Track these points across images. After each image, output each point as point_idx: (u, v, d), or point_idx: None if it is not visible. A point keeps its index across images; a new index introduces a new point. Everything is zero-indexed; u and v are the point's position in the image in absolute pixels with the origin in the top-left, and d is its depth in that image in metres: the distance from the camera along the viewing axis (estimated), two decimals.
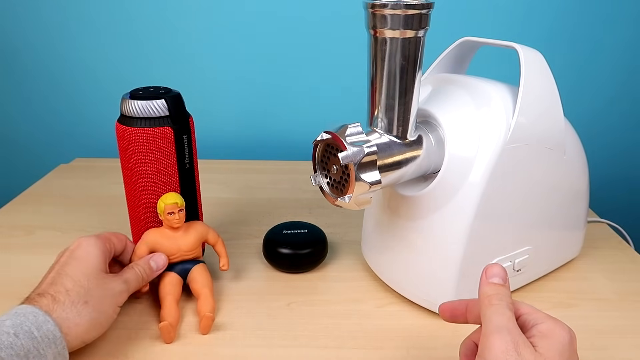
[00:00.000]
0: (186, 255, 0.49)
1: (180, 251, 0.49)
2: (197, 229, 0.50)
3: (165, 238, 0.49)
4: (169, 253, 0.48)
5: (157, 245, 0.48)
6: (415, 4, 0.37)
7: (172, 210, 0.47)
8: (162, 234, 0.49)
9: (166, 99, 0.47)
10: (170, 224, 0.48)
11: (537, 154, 0.46)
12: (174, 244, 0.49)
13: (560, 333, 0.30)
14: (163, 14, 0.83)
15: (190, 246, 0.49)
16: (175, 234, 0.49)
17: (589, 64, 0.86)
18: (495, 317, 0.30)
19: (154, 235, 0.49)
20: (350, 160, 0.39)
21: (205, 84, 0.88)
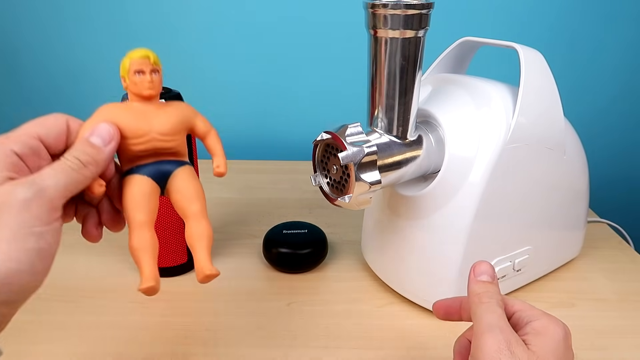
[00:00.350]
0: (163, 142, 0.31)
1: (152, 132, 0.31)
2: (179, 108, 0.33)
3: (130, 111, 0.31)
4: (135, 134, 0.30)
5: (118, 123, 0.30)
6: (415, 4, 0.37)
7: (141, 69, 0.31)
8: (125, 107, 0.31)
9: (166, 99, 0.47)
10: (138, 90, 0.31)
11: (537, 154, 0.46)
12: (144, 121, 0.31)
13: (554, 330, 0.30)
14: (163, 14, 0.83)
15: (168, 127, 0.31)
16: (146, 107, 0.31)
17: (589, 63, 0.86)
18: (486, 315, 0.30)
19: (113, 109, 0.31)
20: (350, 160, 0.39)
21: (205, 84, 0.88)
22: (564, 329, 0.30)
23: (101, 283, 0.53)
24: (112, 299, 0.50)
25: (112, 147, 0.30)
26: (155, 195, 0.32)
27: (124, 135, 0.30)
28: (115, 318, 0.47)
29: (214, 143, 0.34)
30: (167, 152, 0.32)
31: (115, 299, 0.50)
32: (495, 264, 0.47)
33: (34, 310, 0.48)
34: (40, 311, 0.48)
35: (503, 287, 0.50)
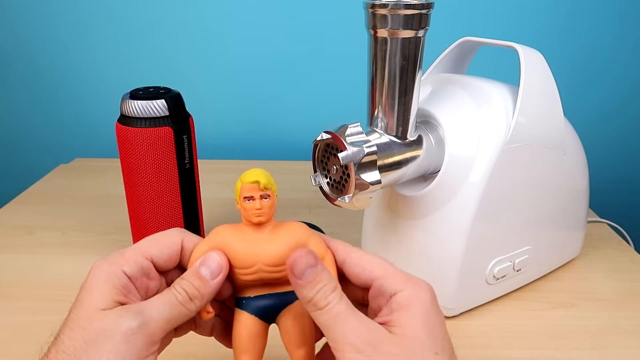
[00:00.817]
0: (270, 273, 0.29)
1: (259, 263, 0.29)
2: (291, 234, 0.30)
3: (240, 238, 0.29)
4: (243, 264, 0.29)
5: (228, 250, 0.29)
6: (415, 4, 0.37)
7: (251, 195, 0.29)
8: (237, 232, 0.30)
9: (166, 99, 0.47)
10: (247, 216, 0.29)
11: (537, 154, 0.46)
12: (252, 250, 0.29)
13: (421, 298, 0.27)
14: (163, 14, 0.83)
15: (276, 259, 0.29)
16: (256, 235, 0.29)
17: (589, 64, 0.86)
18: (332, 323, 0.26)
19: (226, 234, 0.30)
20: (350, 160, 0.39)
21: (205, 84, 0.88)
22: (429, 291, 0.27)
23: None
24: None
25: (220, 280, 0.29)
26: (262, 336, 0.31)
27: (233, 264, 0.29)
28: None
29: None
30: (277, 282, 0.29)
31: None
32: (495, 264, 0.47)
33: (34, 310, 0.49)
34: (41, 311, 0.48)
35: (503, 287, 0.50)
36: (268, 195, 0.29)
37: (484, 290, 0.48)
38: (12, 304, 0.49)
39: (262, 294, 0.30)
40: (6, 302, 0.50)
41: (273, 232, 0.29)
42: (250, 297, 0.30)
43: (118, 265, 0.27)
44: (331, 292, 0.26)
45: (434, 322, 0.26)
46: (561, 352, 0.44)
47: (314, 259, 0.27)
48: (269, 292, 0.30)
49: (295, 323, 0.30)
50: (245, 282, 0.29)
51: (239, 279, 0.29)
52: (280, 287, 0.30)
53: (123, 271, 0.27)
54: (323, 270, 0.27)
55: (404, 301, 0.27)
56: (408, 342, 0.25)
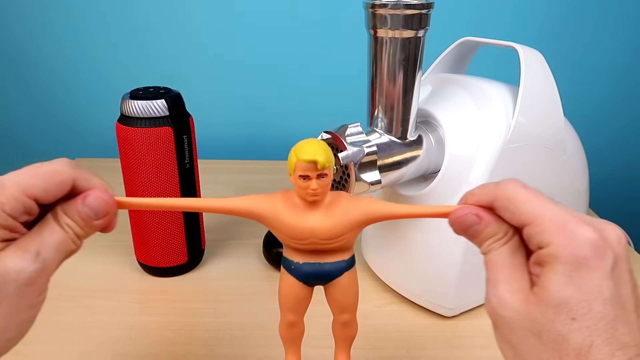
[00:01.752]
0: (325, 245, 0.28)
1: (313, 237, 0.28)
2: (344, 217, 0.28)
3: (293, 211, 0.28)
4: (296, 237, 0.28)
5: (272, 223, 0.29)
6: (415, 4, 0.37)
7: (307, 174, 0.27)
8: (291, 204, 0.28)
9: (166, 99, 0.47)
10: (302, 195, 0.28)
11: (537, 154, 0.46)
12: (305, 225, 0.28)
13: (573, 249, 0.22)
14: (163, 14, 0.83)
15: (332, 234, 0.28)
16: (311, 211, 0.28)
17: (589, 63, 0.86)
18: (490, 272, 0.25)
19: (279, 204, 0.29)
20: (350, 160, 0.39)
21: (205, 84, 0.88)
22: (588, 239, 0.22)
23: (101, 283, 0.53)
24: (112, 299, 0.50)
25: (103, 222, 0.27)
26: (307, 298, 0.32)
27: (286, 233, 0.29)
28: (115, 318, 0.47)
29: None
30: (330, 250, 0.29)
31: (115, 299, 0.50)
32: None
33: None
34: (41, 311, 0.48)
35: None
36: (325, 174, 0.27)
37: (484, 291, 0.48)
38: None
39: (310, 262, 0.29)
40: None
41: (329, 207, 0.28)
42: (299, 264, 0.29)
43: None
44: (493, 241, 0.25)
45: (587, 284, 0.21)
46: None
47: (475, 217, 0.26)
48: (318, 260, 0.29)
49: (343, 293, 0.31)
50: (298, 248, 0.29)
51: (290, 245, 0.29)
52: (329, 256, 0.29)
53: (3, 210, 0.25)
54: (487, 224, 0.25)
55: (547, 257, 0.22)
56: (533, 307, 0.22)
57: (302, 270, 0.30)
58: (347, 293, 0.31)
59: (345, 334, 0.33)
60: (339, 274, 0.30)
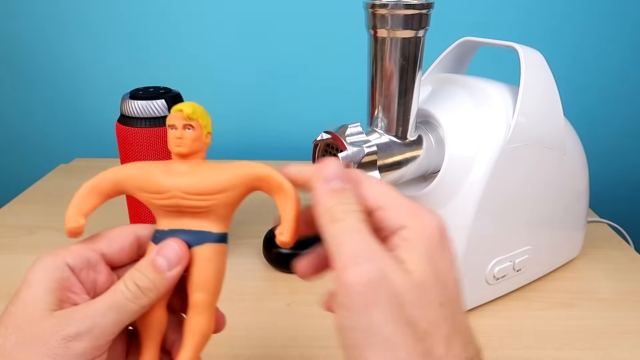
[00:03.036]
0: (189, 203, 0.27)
1: (174, 189, 0.27)
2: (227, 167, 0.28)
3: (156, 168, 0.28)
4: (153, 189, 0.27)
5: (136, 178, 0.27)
6: (415, 4, 0.37)
7: (173, 123, 0.27)
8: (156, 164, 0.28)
9: (166, 99, 0.47)
10: (170, 147, 0.27)
11: (537, 154, 0.46)
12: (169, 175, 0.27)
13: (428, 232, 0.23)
14: (163, 14, 0.83)
15: (197, 185, 0.27)
16: (177, 166, 0.27)
17: (589, 63, 0.86)
18: (346, 238, 0.22)
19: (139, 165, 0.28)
20: (350, 160, 0.39)
21: (205, 84, 0.88)
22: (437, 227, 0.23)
23: None
24: None
25: (178, 272, 0.26)
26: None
27: (145, 189, 0.27)
28: None
29: (285, 206, 0.28)
30: (197, 211, 0.27)
31: None
32: (495, 264, 0.47)
33: None
34: None
35: (503, 287, 0.50)
36: (191, 125, 0.27)
37: (484, 290, 0.48)
38: None
39: (175, 229, 0.27)
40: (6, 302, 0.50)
41: (201, 164, 0.27)
42: (164, 230, 0.27)
43: (60, 257, 0.25)
44: (355, 210, 0.23)
45: (442, 267, 0.23)
46: (561, 352, 0.44)
47: (346, 175, 0.24)
48: (183, 227, 0.27)
49: (201, 266, 0.27)
50: (160, 207, 0.27)
51: (152, 203, 0.27)
52: (198, 220, 0.27)
53: (66, 263, 0.25)
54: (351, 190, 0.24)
55: (411, 236, 0.23)
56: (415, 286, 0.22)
57: (165, 237, 0.27)
58: (205, 267, 0.27)
59: (197, 324, 0.28)
60: (199, 242, 0.27)
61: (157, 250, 0.26)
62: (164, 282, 0.25)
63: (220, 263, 0.28)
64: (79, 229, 0.26)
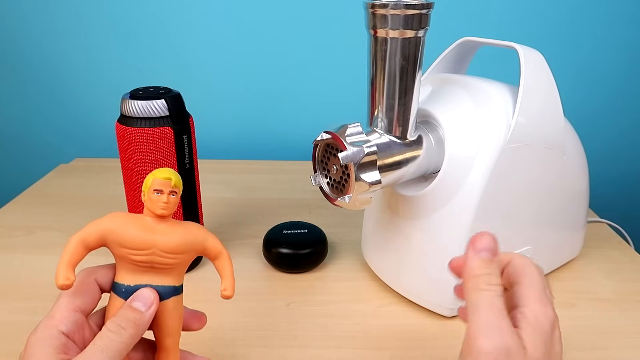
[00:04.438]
0: (163, 258, 0.31)
1: (155, 247, 0.30)
2: (189, 230, 0.32)
3: (139, 224, 0.31)
4: (138, 246, 0.30)
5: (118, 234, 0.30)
6: (415, 4, 0.37)
7: (161, 189, 0.31)
8: (135, 219, 0.31)
9: (166, 99, 0.47)
10: (153, 207, 0.31)
11: (537, 154, 0.45)
12: (150, 235, 0.30)
13: (544, 321, 0.28)
14: (163, 14, 0.83)
15: (172, 246, 0.31)
16: (156, 224, 0.31)
17: (589, 63, 0.86)
18: (483, 310, 0.27)
19: (123, 218, 0.31)
20: (350, 160, 0.39)
21: (205, 84, 0.88)
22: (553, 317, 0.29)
23: None
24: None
25: (153, 310, 0.30)
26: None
27: (127, 245, 0.30)
28: None
29: (224, 266, 0.33)
30: (165, 268, 0.31)
31: None
32: None
33: (33, 310, 0.49)
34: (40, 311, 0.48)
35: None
36: (175, 192, 0.31)
37: None
38: (11, 304, 0.49)
39: (141, 284, 0.31)
40: (6, 302, 0.50)
41: (172, 226, 0.31)
42: (130, 286, 0.31)
43: (53, 327, 0.28)
44: (496, 284, 0.28)
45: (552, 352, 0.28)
46: None
47: (496, 248, 0.29)
48: (148, 282, 0.31)
49: (169, 316, 0.32)
50: (134, 263, 0.30)
51: (129, 258, 0.30)
52: (159, 277, 0.31)
53: (60, 331, 0.28)
54: (497, 266, 0.29)
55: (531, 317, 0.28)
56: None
57: (133, 292, 0.31)
58: (171, 316, 0.32)
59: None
60: (167, 296, 0.31)
61: (131, 298, 0.30)
62: (143, 320, 0.29)
63: (181, 310, 0.33)
64: (69, 285, 0.29)
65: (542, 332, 0.27)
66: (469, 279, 0.28)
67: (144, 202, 0.31)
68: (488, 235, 0.29)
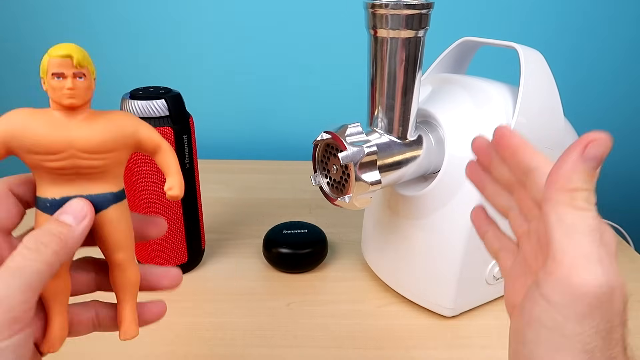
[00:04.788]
0: (87, 160, 0.25)
1: (72, 148, 0.24)
2: (114, 120, 0.26)
3: (46, 121, 0.25)
4: (50, 149, 0.24)
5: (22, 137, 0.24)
6: (415, 4, 0.37)
7: (61, 71, 0.25)
8: (42, 115, 0.25)
9: (166, 99, 0.47)
10: (57, 97, 0.25)
11: None
12: (63, 134, 0.24)
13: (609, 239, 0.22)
14: (163, 14, 0.83)
15: (94, 144, 0.25)
16: (69, 118, 0.25)
17: (589, 63, 0.86)
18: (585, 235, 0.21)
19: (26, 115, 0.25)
20: (350, 160, 0.39)
21: (205, 84, 0.88)
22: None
23: None
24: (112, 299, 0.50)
25: (86, 225, 0.24)
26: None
27: (36, 149, 0.24)
28: None
29: (166, 159, 0.27)
30: (93, 172, 0.25)
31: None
32: (495, 264, 0.47)
33: None
34: None
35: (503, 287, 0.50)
36: (83, 74, 0.25)
37: (484, 290, 0.48)
38: None
39: (69, 195, 0.25)
40: None
41: (91, 117, 0.25)
42: (56, 199, 0.25)
43: None
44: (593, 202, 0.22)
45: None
46: None
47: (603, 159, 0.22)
48: (78, 193, 0.25)
49: (112, 228, 0.26)
50: (54, 170, 0.24)
51: (45, 166, 0.24)
52: (90, 184, 0.25)
53: None
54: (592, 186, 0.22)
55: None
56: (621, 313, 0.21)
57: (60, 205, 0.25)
58: (116, 228, 0.26)
59: (125, 279, 0.28)
60: (105, 205, 0.25)
61: (59, 210, 0.24)
62: (72, 235, 0.24)
63: (127, 219, 0.27)
64: None
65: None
66: (562, 192, 0.22)
67: (46, 91, 0.25)
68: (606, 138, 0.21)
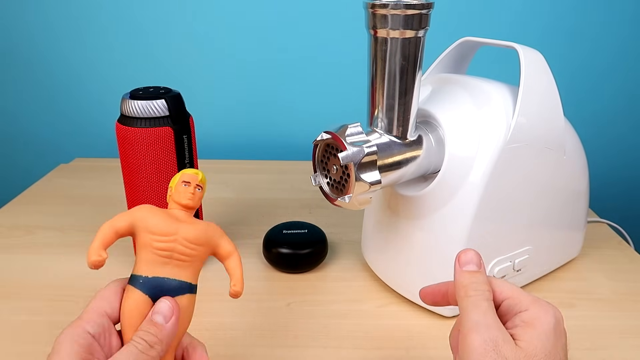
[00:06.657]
0: (184, 247, 0.31)
1: (178, 235, 0.31)
2: (210, 225, 0.33)
3: (163, 213, 0.32)
4: (162, 232, 0.31)
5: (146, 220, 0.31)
6: (415, 4, 0.37)
7: (189, 180, 0.33)
8: (161, 210, 0.32)
9: (166, 99, 0.47)
10: (179, 198, 0.32)
11: (537, 154, 0.46)
12: (175, 224, 0.31)
13: (544, 320, 0.29)
14: (163, 14, 0.83)
15: (193, 235, 0.31)
16: (181, 215, 0.32)
17: (589, 64, 0.86)
18: (472, 311, 0.29)
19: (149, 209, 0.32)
20: (350, 160, 0.39)
21: (205, 84, 0.88)
22: (554, 315, 0.29)
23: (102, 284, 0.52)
24: None
25: (174, 322, 0.30)
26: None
27: (151, 230, 0.31)
28: None
29: (235, 266, 0.34)
30: (183, 259, 0.31)
31: None
32: (495, 264, 0.47)
33: (34, 310, 0.49)
34: (41, 311, 0.48)
35: None
36: (201, 187, 0.33)
37: None
38: (12, 304, 0.49)
39: (159, 276, 0.31)
40: (6, 302, 0.50)
41: (194, 219, 0.33)
42: (148, 277, 0.30)
43: (81, 327, 0.29)
44: (482, 289, 0.30)
45: (553, 346, 0.28)
46: None
47: (479, 261, 0.31)
48: (167, 276, 0.31)
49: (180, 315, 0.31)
50: (155, 250, 0.30)
51: (151, 245, 0.30)
52: (179, 270, 0.31)
53: (87, 331, 0.29)
54: (483, 275, 0.31)
55: (529, 319, 0.29)
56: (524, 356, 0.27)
57: (150, 284, 0.30)
58: (181, 316, 0.31)
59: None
60: (182, 292, 0.31)
61: (152, 311, 0.30)
62: (164, 333, 0.30)
63: (191, 312, 0.33)
64: (102, 262, 0.29)
65: (542, 332, 0.28)
66: (459, 290, 0.30)
67: (169, 197, 0.33)
68: (471, 251, 0.32)
